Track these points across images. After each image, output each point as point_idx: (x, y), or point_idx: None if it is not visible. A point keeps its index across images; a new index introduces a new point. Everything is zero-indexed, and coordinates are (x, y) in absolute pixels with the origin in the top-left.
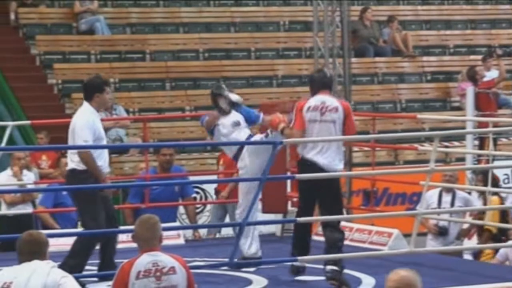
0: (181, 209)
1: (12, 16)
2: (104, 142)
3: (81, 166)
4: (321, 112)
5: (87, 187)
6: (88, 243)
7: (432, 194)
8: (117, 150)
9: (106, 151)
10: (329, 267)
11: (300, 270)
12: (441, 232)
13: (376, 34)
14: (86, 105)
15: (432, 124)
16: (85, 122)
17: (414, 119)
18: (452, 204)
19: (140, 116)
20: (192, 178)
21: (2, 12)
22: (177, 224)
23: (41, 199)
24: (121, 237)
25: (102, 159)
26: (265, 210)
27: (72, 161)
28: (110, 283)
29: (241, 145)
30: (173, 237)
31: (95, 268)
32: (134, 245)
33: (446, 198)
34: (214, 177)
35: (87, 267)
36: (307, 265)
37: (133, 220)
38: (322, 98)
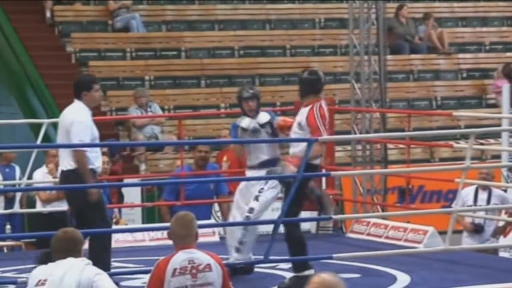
0: (216, 207)
1: (48, 14)
2: (97, 141)
3: (72, 166)
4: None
5: (121, 184)
6: (105, 241)
7: (468, 192)
8: (152, 147)
9: (100, 153)
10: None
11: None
12: (477, 230)
13: (412, 31)
14: (78, 103)
15: (468, 122)
16: (83, 121)
17: (449, 116)
18: (488, 202)
19: (175, 114)
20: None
21: (38, 10)
22: (212, 221)
23: None
24: (156, 234)
25: (99, 160)
26: None
27: (64, 161)
28: (145, 279)
29: (278, 142)
30: (208, 235)
31: (131, 265)
32: (167, 242)
33: (482, 195)
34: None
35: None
36: (341, 262)
37: (170, 217)
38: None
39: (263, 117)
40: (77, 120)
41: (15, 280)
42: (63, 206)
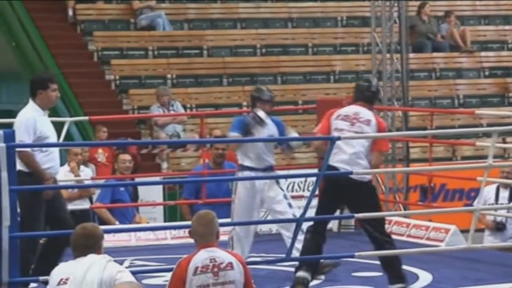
0: None
1: (70, 13)
2: (51, 141)
3: (26, 168)
4: (351, 122)
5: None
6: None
7: (489, 190)
8: (174, 145)
9: (57, 152)
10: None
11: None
12: (499, 228)
13: (434, 29)
14: (30, 103)
15: (490, 120)
16: (24, 121)
17: (472, 114)
18: (510, 200)
19: (197, 112)
20: None
21: (60, 8)
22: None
23: (99, 196)
24: (178, 232)
25: (51, 160)
26: None
27: (19, 162)
28: (167, 277)
29: (299, 141)
30: (230, 233)
31: (152, 263)
32: (189, 240)
33: (504, 193)
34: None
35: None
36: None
37: (191, 217)
38: (357, 109)
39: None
40: (19, 120)
41: (37, 278)
42: (84, 205)
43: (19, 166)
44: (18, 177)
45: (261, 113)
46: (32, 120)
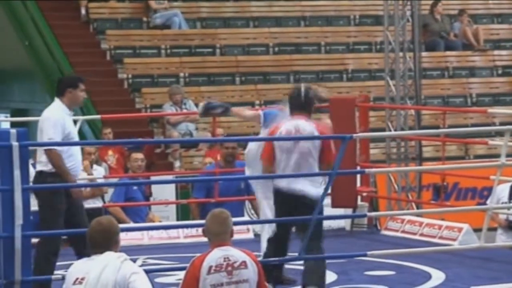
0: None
1: (83, 11)
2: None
3: (49, 168)
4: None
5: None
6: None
7: (503, 188)
8: (186, 144)
9: (79, 152)
10: None
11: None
12: (511, 226)
13: (447, 28)
14: (56, 101)
15: (503, 119)
16: (53, 119)
17: (484, 113)
18: None
19: None
20: None
21: (73, 7)
22: (246, 218)
23: (113, 195)
24: (191, 231)
25: (75, 159)
26: (334, 205)
27: (40, 162)
28: (180, 276)
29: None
30: (243, 232)
31: (165, 262)
32: (202, 239)
33: None
34: None
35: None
36: (376, 259)
37: (199, 215)
38: (296, 123)
39: None
40: (48, 118)
41: (49, 277)
42: (97, 203)
43: (41, 166)
44: (39, 177)
45: None
46: (62, 120)
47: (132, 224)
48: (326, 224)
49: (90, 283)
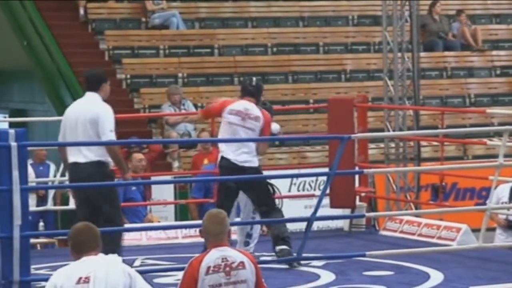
0: None
1: (81, 11)
2: None
3: (106, 159)
4: (243, 118)
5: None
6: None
7: (503, 188)
8: (185, 144)
9: None
10: (278, 247)
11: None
12: (510, 226)
13: (445, 28)
14: (94, 95)
15: (501, 119)
16: (109, 112)
17: (483, 113)
18: None
19: None
20: None
21: (71, 7)
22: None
23: None
24: (189, 231)
25: None
26: (333, 205)
27: (95, 152)
28: (178, 277)
29: (306, 139)
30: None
31: (163, 262)
32: (200, 239)
33: None
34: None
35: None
36: (374, 259)
37: (197, 215)
38: (246, 105)
39: None
40: (108, 111)
41: (49, 277)
42: None
43: (97, 156)
44: (100, 167)
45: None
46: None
47: (130, 225)
48: (325, 224)
49: (99, 281)
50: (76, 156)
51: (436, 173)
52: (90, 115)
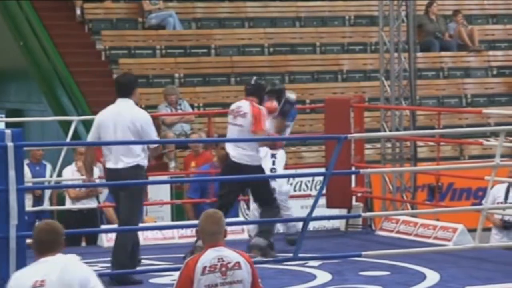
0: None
1: (78, 12)
2: None
3: (144, 162)
4: (234, 116)
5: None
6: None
7: (499, 188)
8: (181, 145)
9: None
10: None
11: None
12: (506, 226)
13: (442, 28)
14: (129, 101)
15: (498, 119)
16: (150, 119)
17: (479, 114)
18: None
19: (205, 111)
20: None
21: (68, 7)
22: (241, 219)
23: (109, 195)
24: (185, 231)
25: None
26: (329, 205)
27: (137, 155)
28: (175, 277)
29: (302, 139)
30: (237, 232)
31: (160, 262)
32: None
33: None
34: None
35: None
36: (370, 259)
37: (193, 215)
38: (240, 104)
39: None
40: (149, 118)
41: None
42: (92, 204)
43: (134, 161)
44: (137, 170)
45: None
46: None
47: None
48: (321, 224)
49: (53, 285)
50: (115, 162)
51: (433, 173)
52: (132, 122)
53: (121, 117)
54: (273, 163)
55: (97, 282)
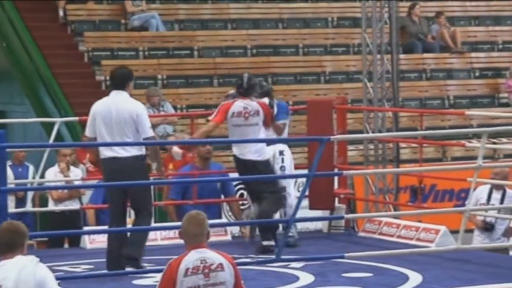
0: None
1: (61, 13)
2: None
3: (143, 151)
4: (245, 117)
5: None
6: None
7: (482, 190)
8: (162, 146)
9: None
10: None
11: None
12: (487, 228)
13: (425, 30)
14: (124, 93)
15: (480, 121)
16: (145, 110)
17: (462, 115)
18: (502, 202)
19: (187, 113)
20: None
21: (50, 8)
22: (224, 220)
23: (92, 197)
24: (168, 233)
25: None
26: (312, 206)
27: (132, 147)
28: (157, 278)
29: (284, 142)
30: (220, 234)
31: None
32: (179, 241)
33: (496, 195)
34: None
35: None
36: (353, 261)
37: (176, 217)
38: (243, 104)
39: None
40: (144, 109)
41: None
42: (75, 205)
43: (136, 150)
44: (137, 160)
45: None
46: None
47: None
48: (304, 226)
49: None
50: (114, 151)
51: (415, 174)
52: (128, 112)
53: (120, 109)
54: (282, 160)
55: (54, 284)
